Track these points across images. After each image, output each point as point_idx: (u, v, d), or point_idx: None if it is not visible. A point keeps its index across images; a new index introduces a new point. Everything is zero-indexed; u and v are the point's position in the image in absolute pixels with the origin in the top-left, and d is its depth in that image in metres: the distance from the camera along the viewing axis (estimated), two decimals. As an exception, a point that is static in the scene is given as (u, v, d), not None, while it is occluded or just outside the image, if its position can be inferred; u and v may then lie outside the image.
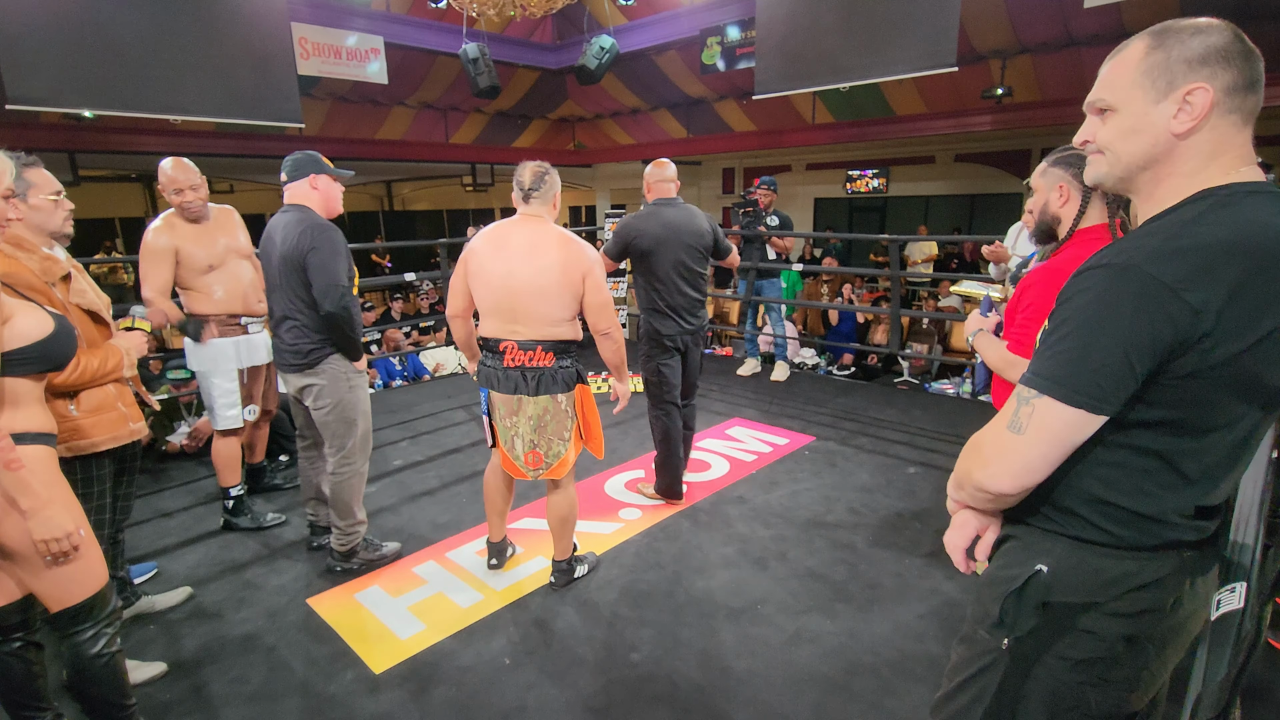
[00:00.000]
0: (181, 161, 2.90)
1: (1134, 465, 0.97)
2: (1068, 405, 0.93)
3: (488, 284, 2.37)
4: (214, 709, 2.09)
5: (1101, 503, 0.99)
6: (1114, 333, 0.89)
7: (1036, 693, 1.04)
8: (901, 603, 2.58)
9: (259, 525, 3.21)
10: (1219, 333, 0.87)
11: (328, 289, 2.51)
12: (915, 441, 4.26)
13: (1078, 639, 1.01)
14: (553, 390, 2.41)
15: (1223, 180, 0.93)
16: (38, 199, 1.98)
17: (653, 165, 3.29)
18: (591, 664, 2.27)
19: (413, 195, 18.69)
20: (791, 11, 6.00)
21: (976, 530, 1.15)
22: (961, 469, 1.08)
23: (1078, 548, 1.01)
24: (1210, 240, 0.88)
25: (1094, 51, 7.27)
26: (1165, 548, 0.98)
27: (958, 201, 12.29)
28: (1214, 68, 0.90)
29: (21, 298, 1.64)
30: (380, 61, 7.34)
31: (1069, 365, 0.92)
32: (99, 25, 4.93)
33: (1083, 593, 1.00)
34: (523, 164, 2.44)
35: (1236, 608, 1.14)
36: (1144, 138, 0.96)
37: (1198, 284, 0.86)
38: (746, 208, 5.61)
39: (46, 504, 1.52)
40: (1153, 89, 0.94)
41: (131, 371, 2.09)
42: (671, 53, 9.21)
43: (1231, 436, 0.95)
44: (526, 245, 2.35)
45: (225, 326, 3.01)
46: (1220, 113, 0.92)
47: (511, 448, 2.49)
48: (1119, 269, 0.90)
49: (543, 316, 2.36)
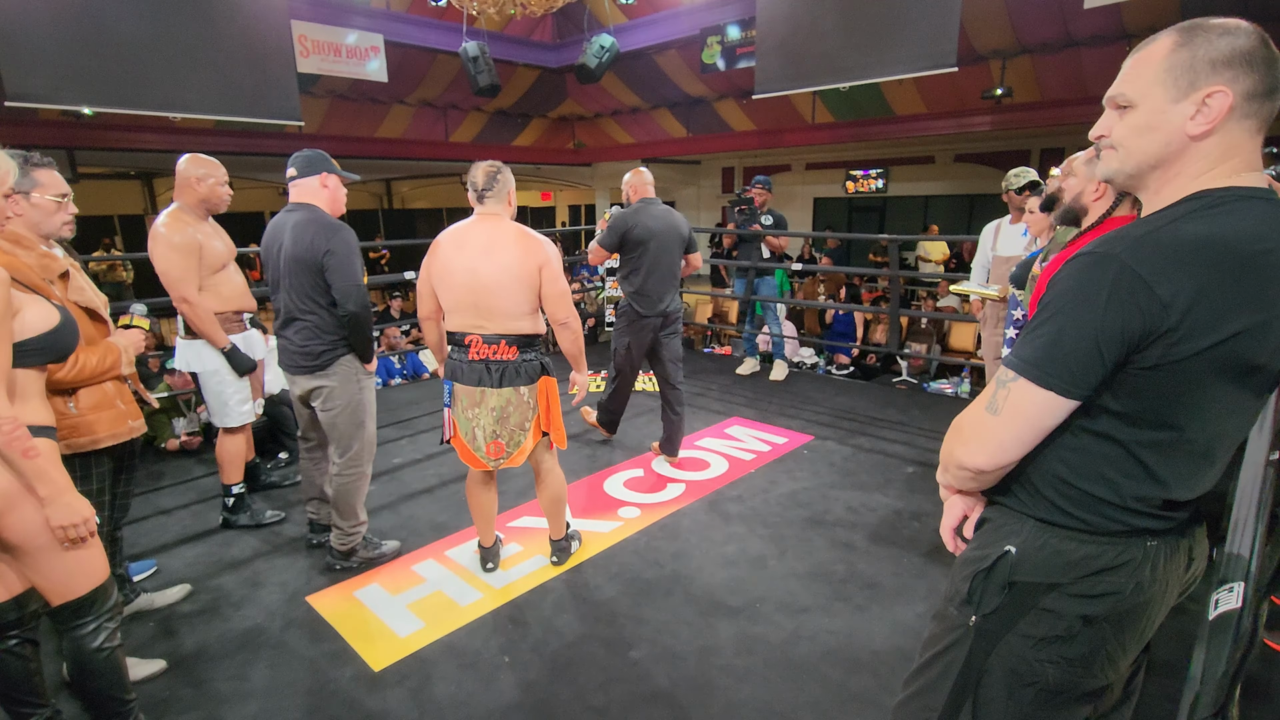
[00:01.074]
0: (206, 157, 2.90)
1: (1095, 451, 1.00)
2: (1040, 388, 0.96)
3: (451, 282, 2.42)
4: (213, 706, 2.10)
5: (1065, 484, 1.02)
6: (1087, 319, 0.91)
7: (998, 667, 1.08)
8: (899, 601, 2.58)
9: (258, 523, 3.20)
10: (1184, 328, 0.88)
11: (349, 290, 2.53)
12: (914, 441, 4.27)
13: (1039, 618, 1.04)
14: (515, 383, 2.46)
15: (1223, 184, 0.93)
16: (40, 198, 1.97)
17: (633, 174, 3.82)
18: (590, 662, 2.27)
19: (412, 193, 18.68)
20: (792, 11, 6.01)
21: (964, 511, 1.20)
22: (945, 449, 1.12)
23: (1043, 530, 1.04)
24: (1188, 237, 0.89)
25: (1094, 52, 7.28)
26: (1128, 534, 1.01)
27: (957, 201, 12.30)
28: (1236, 71, 0.90)
29: (30, 292, 1.66)
30: (380, 59, 7.34)
31: (1044, 349, 0.95)
32: (99, 22, 4.93)
33: (1046, 573, 1.03)
34: (475, 164, 2.49)
35: (1235, 607, 1.15)
36: (1158, 136, 0.96)
37: (1168, 278, 0.88)
38: (742, 205, 5.65)
39: (64, 490, 1.56)
40: (1174, 87, 0.94)
41: (130, 369, 2.09)
42: (672, 52, 9.21)
43: (1194, 434, 0.97)
44: (485, 243, 2.39)
45: (232, 324, 3.00)
46: (1236, 117, 0.92)
47: (472, 439, 2.51)
48: (1099, 257, 0.92)
49: (504, 311, 2.41)
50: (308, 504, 3.03)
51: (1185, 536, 1.06)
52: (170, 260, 2.76)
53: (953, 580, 1.15)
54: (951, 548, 1.21)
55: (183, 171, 2.84)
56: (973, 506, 1.18)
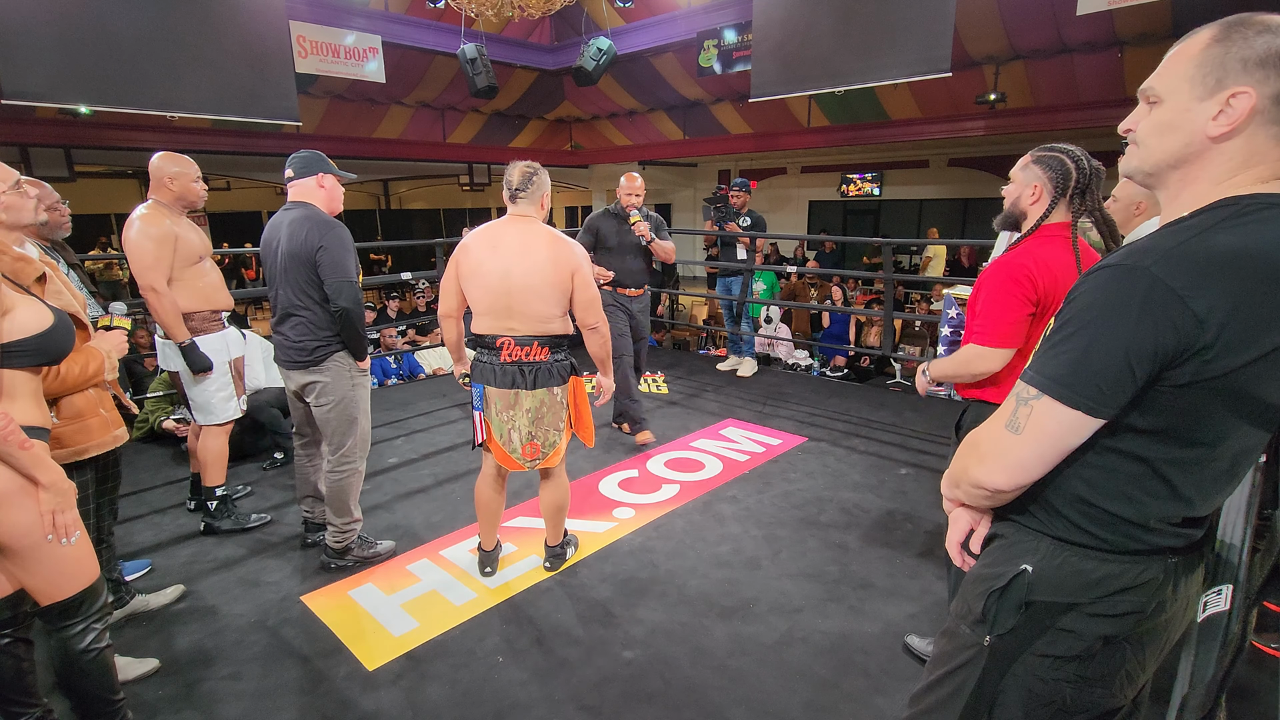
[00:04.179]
0: (179, 154, 2.90)
1: (1120, 470, 0.96)
2: (1066, 406, 0.91)
3: (484, 283, 2.40)
4: (207, 706, 2.09)
5: (1086, 504, 0.99)
6: (1117, 334, 0.87)
7: (1014, 688, 1.05)
8: (893, 602, 2.60)
9: (242, 527, 3.15)
10: (1220, 344, 0.84)
11: (340, 286, 2.55)
12: (907, 443, 4.29)
13: (1057, 637, 1.02)
14: (549, 383, 2.48)
15: (1249, 190, 0.88)
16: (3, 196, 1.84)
17: (625, 178, 4.16)
18: (584, 662, 2.28)
19: (409, 194, 18.68)
20: (788, 16, 6.04)
21: (970, 525, 1.17)
22: (958, 466, 1.08)
23: (1061, 548, 1.01)
24: (1222, 249, 0.85)
25: (1086, 58, 7.34)
26: (1149, 553, 0.98)
27: (951, 206, 12.35)
28: (1268, 71, 0.85)
29: (22, 291, 1.63)
30: (378, 60, 7.34)
31: (1070, 365, 0.91)
32: (97, 21, 4.92)
33: (1065, 593, 1.00)
34: (512, 164, 2.48)
35: (1223, 610, 1.15)
36: (1179, 135, 0.92)
37: (1203, 292, 0.83)
38: (717, 203, 5.80)
39: (63, 477, 1.59)
40: (1201, 85, 0.89)
41: (113, 375, 2.00)
42: (668, 55, 9.24)
43: (1222, 451, 0.93)
44: (519, 244, 2.39)
45: (211, 322, 2.99)
46: (1261, 121, 0.87)
47: (508, 441, 2.51)
48: (1127, 269, 0.87)
49: (537, 313, 2.41)
50: (302, 502, 3.03)
51: (1203, 553, 1.04)
52: (143, 248, 2.75)
53: (963, 598, 1.12)
54: (959, 563, 1.18)
55: (156, 169, 2.85)
56: (979, 521, 1.16)
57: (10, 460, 1.49)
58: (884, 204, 13.16)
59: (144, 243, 2.75)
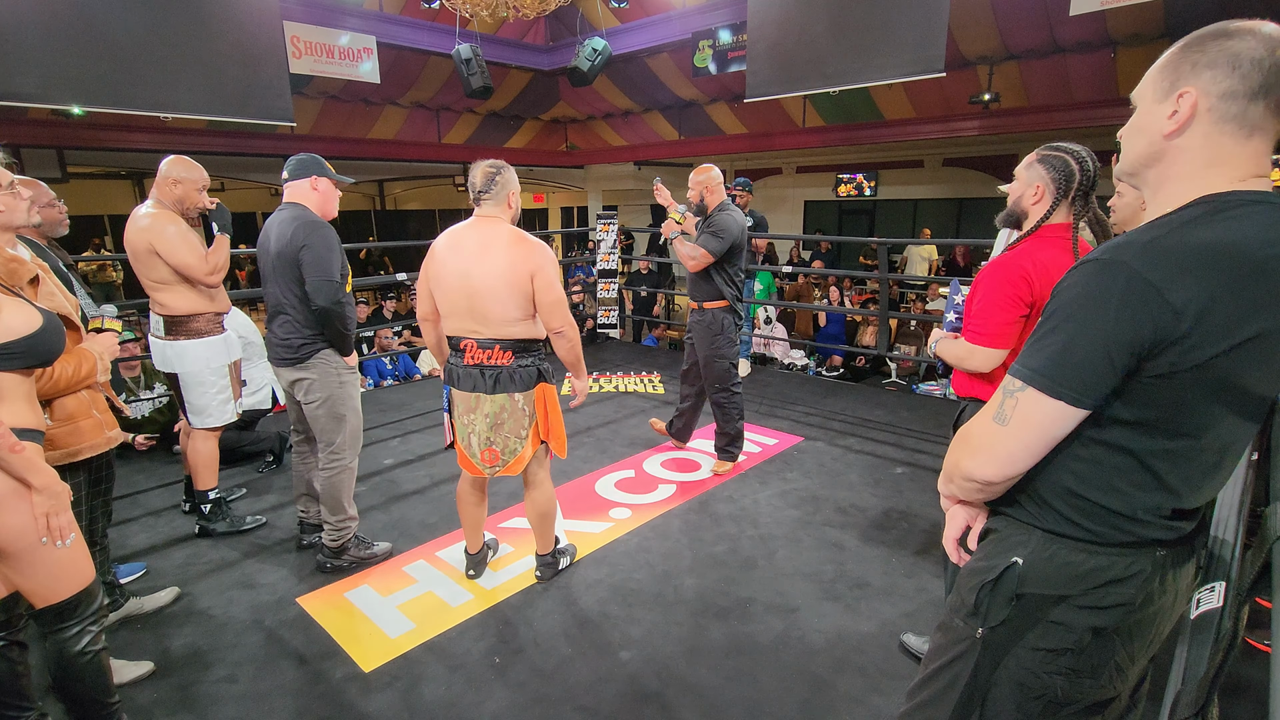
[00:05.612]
0: (190, 161, 2.89)
1: (1106, 462, 0.98)
2: (1050, 397, 0.94)
3: (446, 285, 2.39)
4: (202, 708, 2.09)
5: (1074, 496, 1.01)
6: (1097, 327, 0.90)
7: (1006, 680, 1.07)
8: (889, 601, 2.60)
9: (237, 529, 3.15)
10: (1197, 335, 0.87)
11: (320, 285, 2.56)
12: (903, 442, 4.30)
13: (1048, 630, 1.03)
14: (510, 389, 2.42)
15: (1226, 189, 0.92)
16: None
17: (706, 173, 3.64)
18: (581, 663, 2.28)
19: (405, 195, 18.64)
20: (782, 16, 6.05)
21: (966, 522, 1.19)
22: (950, 460, 1.10)
23: (1051, 541, 1.03)
24: (1196, 243, 0.88)
25: (1079, 58, 7.36)
26: (1138, 544, 1.00)
27: (946, 205, 12.39)
28: (1217, 72, 0.89)
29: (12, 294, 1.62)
30: (373, 61, 7.32)
31: (1053, 358, 0.94)
32: (90, 21, 4.90)
33: (1055, 585, 1.02)
34: (475, 164, 2.45)
35: (1216, 606, 1.16)
36: (1143, 136, 0.98)
37: (1180, 284, 0.86)
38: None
39: (57, 480, 1.58)
40: (1159, 88, 0.95)
41: (105, 376, 1.99)
42: (663, 55, 9.24)
43: (1208, 442, 0.95)
44: (478, 246, 2.35)
45: (213, 324, 2.99)
46: (1215, 119, 0.91)
47: (468, 445, 2.50)
48: (1106, 264, 0.91)
49: (497, 316, 2.36)
50: (297, 501, 3.02)
51: (1194, 546, 1.05)
52: (181, 248, 2.76)
53: (958, 591, 1.14)
54: (955, 559, 1.20)
55: (163, 172, 2.84)
56: (975, 517, 1.18)
57: (2, 464, 1.49)
58: (879, 204, 13.19)
59: (179, 243, 2.76)
